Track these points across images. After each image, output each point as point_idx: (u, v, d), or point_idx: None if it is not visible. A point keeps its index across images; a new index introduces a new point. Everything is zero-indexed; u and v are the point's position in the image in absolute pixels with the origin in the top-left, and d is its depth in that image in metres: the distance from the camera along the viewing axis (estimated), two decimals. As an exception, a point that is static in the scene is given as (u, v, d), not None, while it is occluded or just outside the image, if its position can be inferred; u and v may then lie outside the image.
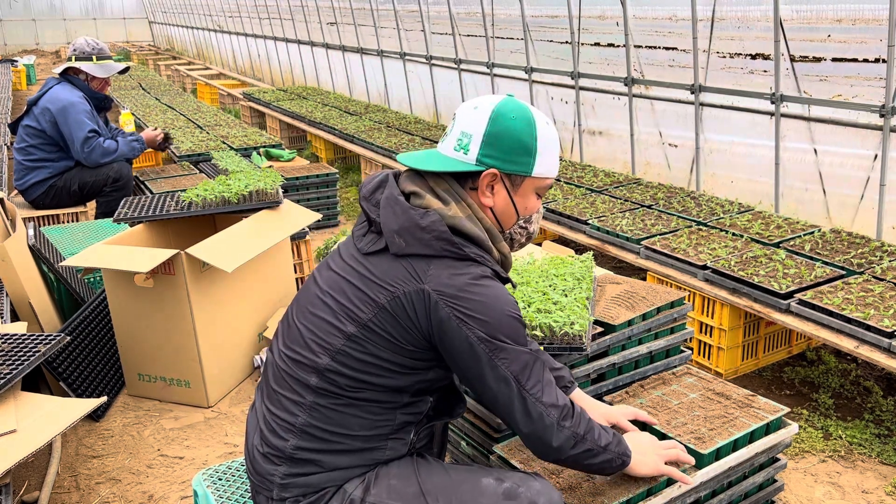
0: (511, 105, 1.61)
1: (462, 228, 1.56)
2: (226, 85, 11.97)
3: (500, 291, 1.57)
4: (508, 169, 1.60)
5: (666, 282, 3.43)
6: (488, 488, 1.59)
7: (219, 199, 3.45)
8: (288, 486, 1.61)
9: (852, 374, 3.27)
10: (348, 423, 1.60)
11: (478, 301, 1.52)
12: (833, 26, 3.83)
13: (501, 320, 1.53)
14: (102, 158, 4.67)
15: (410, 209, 1.56)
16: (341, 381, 1.58)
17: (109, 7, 24.05)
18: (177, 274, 2.91)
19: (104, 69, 4.81)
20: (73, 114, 4.55)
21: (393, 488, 1.59)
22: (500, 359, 1.54)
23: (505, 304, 1.55)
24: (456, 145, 1.61)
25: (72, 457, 2.81)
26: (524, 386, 1.55)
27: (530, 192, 1.66)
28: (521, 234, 1.72)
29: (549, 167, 1.65)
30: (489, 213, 1.65)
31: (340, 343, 1.57)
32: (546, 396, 1.57)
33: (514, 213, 1.66)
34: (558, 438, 1.58)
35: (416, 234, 1.54)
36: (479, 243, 1.59)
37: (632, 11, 4.89)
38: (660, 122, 5.07)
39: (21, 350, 2.44)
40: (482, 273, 1.56)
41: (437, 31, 7.38)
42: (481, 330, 1.52)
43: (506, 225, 1.67)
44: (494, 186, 1.62)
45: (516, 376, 1.55)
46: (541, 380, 1.58)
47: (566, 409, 1.60)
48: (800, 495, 2.52)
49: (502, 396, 1.57)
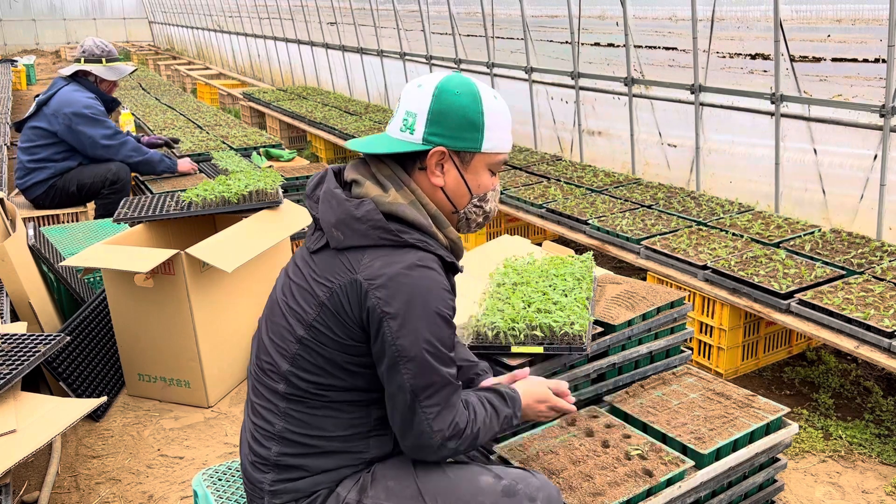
0: (455, 80, 1.58)
1: (400, 214, 1.53)
2: (226, 85, 11.97)
3: (433, 283, 1.50)
4: (456, 146, 1.57)
5: (666, 282, 3.43)
6: (487, 486, 1.58)
7: (219, 199, 3.45)
8: (277, 493, 1.61)
9: (852, 374, 3.27)
10: (323, 424, 1.59)
11: (403, 293, 1.47)
12: (833, 26, 3.83)
13: (422, 318, 1.48)
14: (132, 153, 4.76)
15: (346, 201, 1.54)
16: (304, 385, 1.57)
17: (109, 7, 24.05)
18: (177, 274, 2.91)
19: (114, 72, 4.84)
20: (91, 115, 4.60)
21: (391, 490, 1.58)
22: (406, 368, 1.49)
23: (434, 298, 1.49)
24: (402, 126, 1.58)
25: (72, 457, 2.81)
26: (420, 401, 1.51)
27: (482, 168, 1.62)
28: (478, 214, 1.66)
29: (500, 142, 1.61)
30: (440, 195, 1.60)
31: (295, 348, 1.57)
32: (438, 421, 1.52)
33: (466, 191, 1.62)
34: (436, 455, 1.57)
35: (352, 226, 1.52)
36: (422, 229, 1.55)
37: (632, 11, 4.89)
38: (659, 122, 5.07)
39: (21, 350, 2.44)
40: (419, 261, 1.50)
41: (437, 31, 7.38)
42: (397, 325, 1.47)
43: (459, 204, 1.63)
44: (444, 165, 1.59)
45: (414, 390, 1.50)
46: (441, 403, 1.52)
47: (455, 430, 1.54)
48: (800, 495, 2.52)
49: (398, 402, 1.53)
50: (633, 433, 2.02)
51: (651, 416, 2.08)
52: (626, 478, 1.82)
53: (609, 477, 1.82)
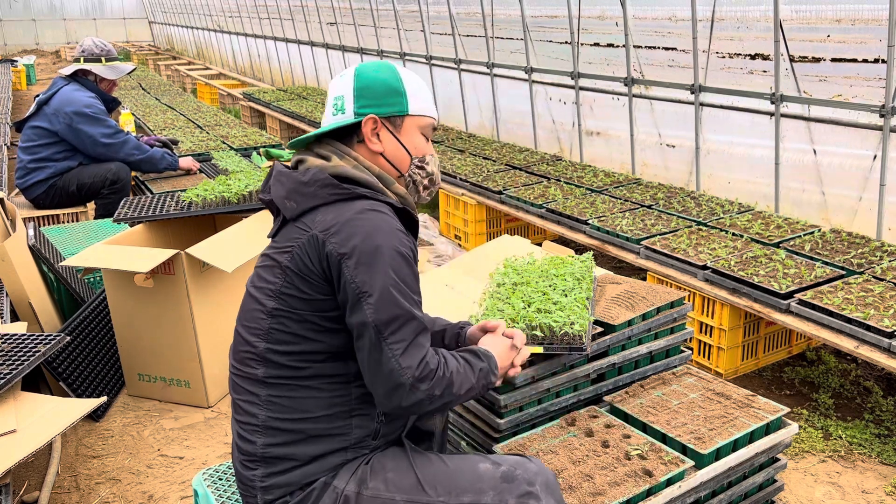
0: (372, 63, 1.72)
1: (347, 174, 1.61)
2: (226, 85, 11.97)
3: (385, 223, 1.56)
4: (385, 112, 1.67)
5: (666, 282, 3.43)
6: (486, 473, 1.60)
7: (219, 199, 3.45)
8: (270, 489, 1.62)
9: (852, 374, 3.27)
10: (305, 406, 1.61)
11: (357, 234, 1.52)
12: (832, 26, 3.83)
13: (378, 253, 1.51)
14: (133, 152, 4.77)
15: (293, 173, 1.64)
16: (282, 359, 1.60)
17: (109, 7, 24.04)
18: (177, 274, 2.91)
19: (114, 71, 4.86)
20: (91, 114, 4.61)
21: (390, 481, 1.59)
22: (367, 303, 1.51)
23: (388, 235, 1.54)
24: (333, 111, 1.70)
25: (72, 457, 2.81)
26: (385, 337, 1.52)
27: (414, 131, 1.72)
28: (422, 176, 1.74)
29: (424, 106, 1.72)
30: (382, 161, 1.69)
31: (267, 323, 1.61)
32: (406, 358, 1.52)
33: (405, 153, 1.71)
34: (410, 399, 1.53)
35: (302, 191, 1.61)
36: (369, 186, 1.63)
37: (631, 11, 4.89)
38: (659, 123, 5.07)
39: (21, 350, 2.45)
40: (371, 207, 1.57)
41: (436, 31, 7.38)
42: (353, 263, 1.51)
43: (402, 167, 1.71)
44: (380, 133, 1.68)
45: (377, 325, 1.51)
46: (407, 339, 1.53)
47: (425, 370, 1.54)
48: (800, 495, 2.53)
49: (364, 343, 1.53)
50: (633, 433, 2.02)
51: (651, 416, 2.08)
52: (626, 478, 1.82)
53: (609, 477, 1.82)
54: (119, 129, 4.79)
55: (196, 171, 5.18)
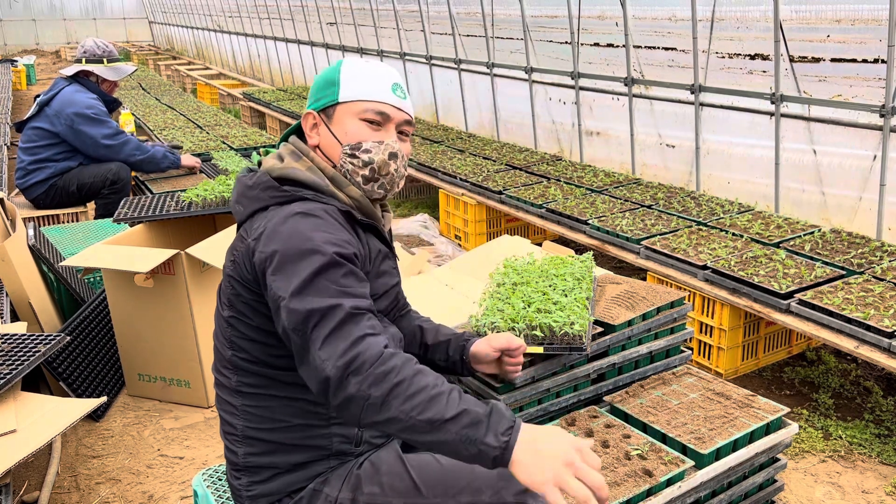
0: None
1: (289, 176, 1.59)
2: (226, 85, 11.97)
3: (310, 225, 1.47)
4: (319, 105, 1.66)
5: (666, 282, 3.43)
6: (482, 471, 1.55)
7: (219, 199, 3.45)
8: (255, 497, 1.61)
9: (852, 374, 3.27)
10: (279, 415, 1.59)
11: (277, 239, 1.45)
12: (832, 27, 3.83)
13: (295, 257, 1.42)
14: (134, 152, 4.78)
15: (244, 177, 1.64)
16: (250, 367, 1.58)
17: (109, 7, 24.04)
18: (177, 274, 2.91)
19: (115, 72, 4.87)
20: (92, 115, 4.62)
21: (386, 485, 1.57)
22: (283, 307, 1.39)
23: (308, 237, 1.44)
24: None
25: (72, 457, 2.81)
26: (308, 335, 1.37)
27: (347, 118, 1.63)
28: (355, 164, 1.62)
29: (359, 91, 1.63)
30: (318, 154, 1.66)
31: (229, 332, 1.60)
32: (326, 348, 1.33)
33: (335, 141, 1.63)
34: (338, 396, 1.32)
35: (247, 195, 1.61)
36: (314, 187, 1.59)
37: (631, 11, 4.89)
38: (658, 123, 5.07)
39: (21, 350, 2.45)
40: (301, 208, 1.51)
41: (436, 31, 7.38)
42: (272, 269, 1.43)
43: (333, 156, 1.65)
44: (318, 127, 1.67)
45: (294, 327, 1.37)
46: (327, 328, 1.35)
47: (355, 361, 1.31)
48: (800, 495, 2.53)
49: (294, 348, 1.41)
50: (633, 433, 2.02)
51: (651, 416, 2.08)
52: (626, 478, 1.82)
53: (609, 477, 1.82)
54: (120, 130, 4.80)
55: (199, 168, 5.19)
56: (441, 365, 1.87)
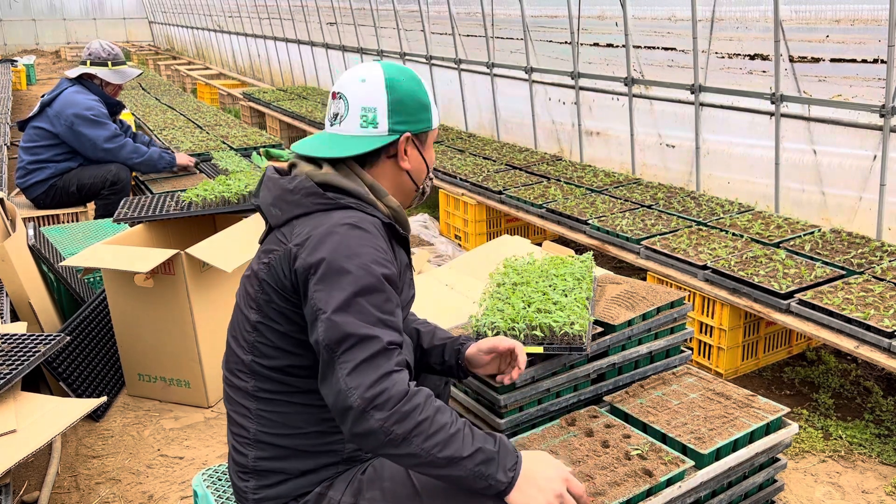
0: (395, 69, 1.66)
1: (333, 183, 1.57)
2: (226, 85, 11.97)
3: (359, 239, 1.46)
4: (418, 128, 1.66)
5: (666, 282, 3.43)
6: None
7: (219, 199, 3.45)
8: (262, 500, 1.62)
9: (852, 374, 3.27)
10: (295, 421, 1.59)
11: (325, 248, 1.44)
12: (832, 27, 3.83)
13: (342, 272, 1.42)
14: (132, 155, 4.78)
15: (280, 179, 1.60)
16: (268, 372, 1.58)
17: (109, 7, 24.03)
18: (177, 274, 2.91)
19: (120, 75, 4.87)
20: (92, 116, 4.63)
21: (387, 491, 1.57)
22: (321, 320, 1.41)
23: (357, 252, 1.44)
24: (361, 122, 1.62)
25: (72, 457, 2.81)
26: (337, 356, 1.39)
27: (431, 143, 1.72)
28: (428, 185, 1.75)
29: (438, 115, 1.73)
30: (405, 177, 1.67)
31: (252, 336, 1.58)
32: (354, 377, 1.36)
33: (425, 167, 1.71)
34: (359, 426, 1.36)
35: (286, 198, 1.57)
36: (357, 196, 1.58)
37: (631, 11, 4.89)
38: (659, 123, 5.07)
39: (21, 350, 2.45)
40: (348, 219, 1.50)
41: (436, 31, 7.38)
42: (316, 279, 1.43)
43: (419, 180, 1.71)
44: (408, 150, 1.66)
45: (329, 344, 1.39)
46: (359, 358, 1.37)
47: (381, 396, 1.35)
48: (800, 495, 2.53)
49: (321, 362, 1.42)
50: (633, 433, 2.02)
51: (651, 416, 2.08)
52: (626, 478, 1.82)
53: (609, 477, 1.82)
54: (119, 132, 4.80)
55: (192, 165, 5.20)
56: (437, 369, 1.87)
